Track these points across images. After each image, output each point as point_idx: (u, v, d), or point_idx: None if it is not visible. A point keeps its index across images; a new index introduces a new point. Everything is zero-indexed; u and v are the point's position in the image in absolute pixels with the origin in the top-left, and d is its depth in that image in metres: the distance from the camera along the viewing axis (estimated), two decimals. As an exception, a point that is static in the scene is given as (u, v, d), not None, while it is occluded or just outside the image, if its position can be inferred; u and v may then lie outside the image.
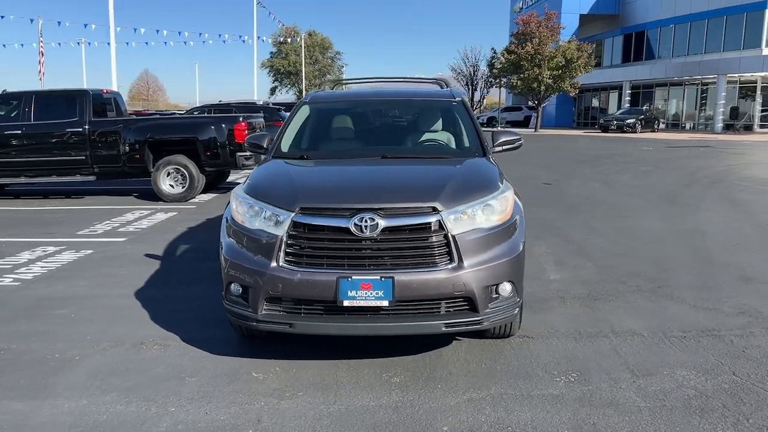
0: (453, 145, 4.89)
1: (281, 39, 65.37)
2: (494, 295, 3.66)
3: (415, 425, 3.15)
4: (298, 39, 64.77)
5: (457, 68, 68.49)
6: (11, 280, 5.97)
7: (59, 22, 47.25)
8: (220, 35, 64.29)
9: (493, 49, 42.58)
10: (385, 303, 3.45)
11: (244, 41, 46.41)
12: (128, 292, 5.47)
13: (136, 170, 11.39)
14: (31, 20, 41.85)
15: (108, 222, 9.11)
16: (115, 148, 11.23)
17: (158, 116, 17.36)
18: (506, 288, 3.70)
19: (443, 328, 3.56)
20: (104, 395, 3.50)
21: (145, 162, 11.21)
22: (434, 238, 3.53)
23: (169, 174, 11.23)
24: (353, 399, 3.43)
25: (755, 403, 3.33)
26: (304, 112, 5.22)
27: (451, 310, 3.61)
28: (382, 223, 3.47)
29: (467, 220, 3.61)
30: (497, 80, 43.28)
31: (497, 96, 60.40)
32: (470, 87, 68.25)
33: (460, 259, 3.53)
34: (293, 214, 3.56)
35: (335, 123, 5.18)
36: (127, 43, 61.70)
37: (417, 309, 3.56)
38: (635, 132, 35.97)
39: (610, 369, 3.78)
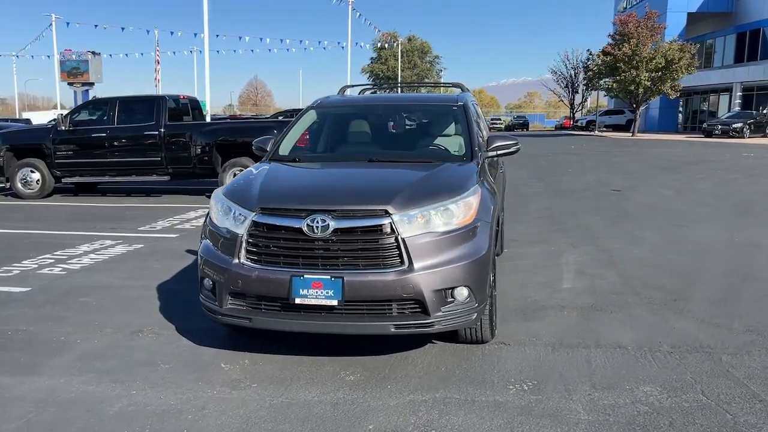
0: (444, 149, 4.90)
1: (379, 44, 66.40)
2: (449, 299, 3.67)
3: (344, 422, 3.23)
4: (395, 44, 65.41)
5: (557, 70, 66.99)
6: (60, 269, 6.56)
7: (171, 32, 50.51)
8: (319, 42, 66.25)
9: (588, 50, 41.04)
10: (335, 302, 3.55)
11: (342, 47, 47.62)
12: (152, 284, 5.87)
13: (205, 171, 12.08)
14: (148, 31, 45.10)
15: (170, 219, 9.73)
16: (187, 151, 11.97)
17: (229, 120, 18.19)
18: (462, 292, 3.69)
19: (392, 330, 3.62)
20: (81, 375, 3.82)
21: (213, 163, 11.88)
22: (384, 241, 3.59)
23: (235, 175, 11.80)
24: (300, 393, 3.56)
25: (706, 425, 3.15)
26: (309, 116, 5.41)
27: (405, 311, 3.65)
28: (333, 224, 3.57)
29: (421, 223, 3.64)
30: (592, 83, 41.70)
31: (604, 100, 58.24)
32: (571, 89, 66.40)
33: (411, 262, 3.57)
34: (254, 214, 3.75)
35: (334, 127, 5.34)
36: (235, 51, 65.09)
37: (368, 309, 3.63)
38: (743, 137, 33.59)
39: (571, 380, 3.68)
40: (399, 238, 3.57)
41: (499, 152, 4.81)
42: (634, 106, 39.14)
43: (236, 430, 3.15)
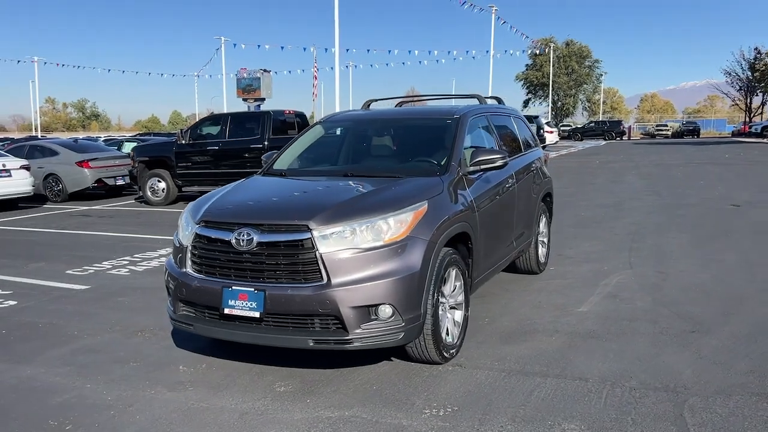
0: (427, 162, 4.78)
1: (530, 51, 64.93)
2: (372, 317, 3.63)
3: (237, 431, 3.32)
4: (546, 50, 63.60)
5: (732, 72, 61.06)
6: (126, 270, 7.28)
7: (326, 49, 53.39)
8: (467, 52, 66.49)
9: (756, 48, 36.84)
10: (257, 314, 3.67)
11: (493, 57, 47.41)
12: (187, 287, 6.33)
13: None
14: (304, 49, 48.12)
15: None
16: (285, 162, 12.66)
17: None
18: (386, 310, 3.63)
19: (311, 344, 3.65)
20: (61, 368, 4.27)
21: (309, 174, 12.44)
22: (305, 256, 3.64)
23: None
24: (222, 400, 3.70)
25: (600, 472, 2.83)
26: (315, 130, 5.56)
27: (329, 327, 3.67)
28: (257, 238, 3.69)
29: (347, 239, 3.64)
30: (759, 84, 37.44)
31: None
32: (747, 92, 60.23)
33: (329, 278, 3.58)
34: (197, 227, 3.98)
35: (331, 142, 5.43)
36: (387, 65, 67.32)
37: (293, 323, 3.69)
38: None
39: (496, 410, 3.46)
40: (317, 253, 3.60)
41: (481, 167, 4.63)
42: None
43: (137, 429, 3.36)
